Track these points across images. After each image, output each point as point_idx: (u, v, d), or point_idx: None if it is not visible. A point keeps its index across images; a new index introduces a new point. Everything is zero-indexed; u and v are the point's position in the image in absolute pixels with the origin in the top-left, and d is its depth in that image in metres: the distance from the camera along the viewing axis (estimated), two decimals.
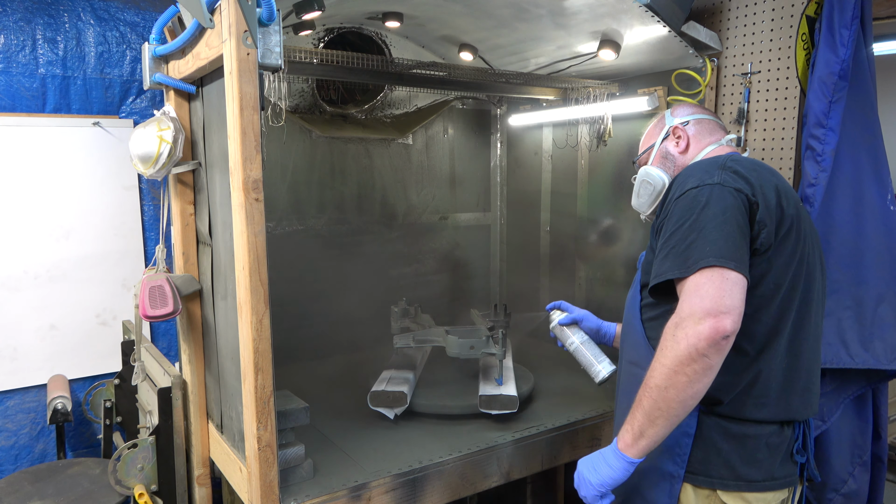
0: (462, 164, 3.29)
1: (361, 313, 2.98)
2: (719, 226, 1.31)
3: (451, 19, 2.47)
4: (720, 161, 1.42)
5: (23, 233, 2.44)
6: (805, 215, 1.46)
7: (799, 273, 1.39)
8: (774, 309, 1.38)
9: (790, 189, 1.44)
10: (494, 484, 1.88)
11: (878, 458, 2.07)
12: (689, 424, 1.41)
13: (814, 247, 1.46)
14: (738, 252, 1.29)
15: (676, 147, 1.65)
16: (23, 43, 2.39)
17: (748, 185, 1.36)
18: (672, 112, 1.73)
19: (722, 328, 1.23)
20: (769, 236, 1.34)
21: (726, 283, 1.27)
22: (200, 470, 2.01)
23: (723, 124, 1.70)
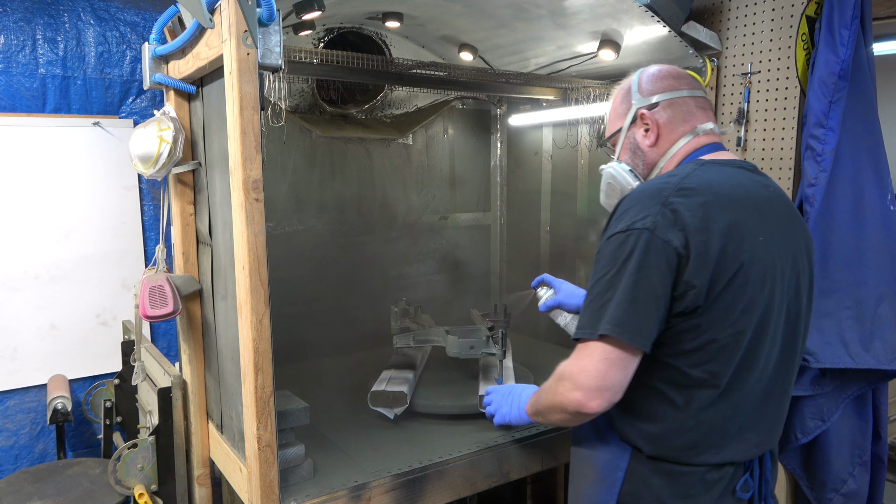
0: (462, 164, 3.29)
1: (361, 313, 2.98)
2: (631, 288, 1.23)
3: (451, 19, 2.47)
4: (670, 187, 1.28)
5: (23, 233, 2.44)
6: (766, 251, 1.29)
7: (744, 322, 1.27)
8: (710, 363, 1.28)
9: (748, 224, 1.27)
10: (494, 484, 1.87)
11: (878, 458, 2.07)
12: (620, 458, 1.39)
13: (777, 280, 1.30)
14: (642, 323, 1.23)
15: (646, 139, 1.48)
16: (23, 43, 2.39)
17: (682, 234, 1.22)
18: (640, 83, 1.51)
19: (588, 408, 1.28)
20: (698, 297, 1.23)
21: (608, 364, 1.26)
22: (200, 470, 2.01)
23: (702, 95, 1.49)
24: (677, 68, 1.52)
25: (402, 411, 2.03)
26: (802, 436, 2.02)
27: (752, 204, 1.30)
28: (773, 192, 1.38)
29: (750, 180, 1.36)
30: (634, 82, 1.52)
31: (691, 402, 1.30)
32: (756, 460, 1.39)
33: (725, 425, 1.32)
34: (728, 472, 1.35)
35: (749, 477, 1.38)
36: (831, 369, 1.94)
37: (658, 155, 1.47)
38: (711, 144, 1.44)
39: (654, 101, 1.47)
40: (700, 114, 1.45)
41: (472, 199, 3.36)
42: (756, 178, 1.38)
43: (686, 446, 1.32)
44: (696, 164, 1.37)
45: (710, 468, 1.33)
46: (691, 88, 1.47)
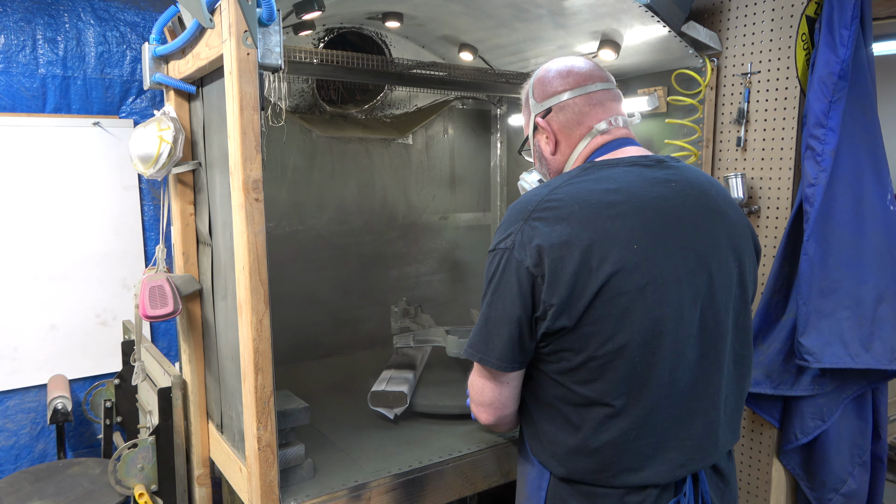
0: (462, 164, 3.29)
1: (361, 313, 2.98)
2: (487, 310, 1.27)
3: (451, 19, 2.47)
4: (535, 202, 1.24)
5: (23, 233, 2.44)
6: (646, 258, 1.19)
7: (623, 337, 1.18)
8: (595, 381, 1.22)
9: (619, 233, 1.18)
10: (494, 484, 1.87)
11: (878, 458, 2.07)
12: (541, 478, 1.36)
13: (669, 285, 1.20)
14: (495, 345, 1.25)
15: (547, 146, 1.42)
16: (23, 43, 2.39)
17: (536, 253, 1.18)
18: (535, 87, 1.42)
19: (481, 419, 1.37)
20: (557, 316, 1.19)
21: (482, 381, 1.34)
22: (200, 470, 2.01)
23: (598, 88, 1.37)
24: (570, 62, 1.41)
25: (402, 411, 2.03)
26: (802, 436, 2.02)
27: (631, 208, 1.21)
28: (675, 189, 1.27)
29: (640, 179, 1.26)
30: (530, 87, 1.45)
31: (588, 422, 1.25)
32: (689, 480, 1.29)
33: (636, 446, 1.24)
34: (651, 495, 1.26)
35: (682, 498, 1.29)
36: (831, 369, 1.94)
37: (561, 162, 1.42)
38: (610, 143, 1.36)
39: (547, 105, 1.39)
40: (596, 111, 1.36)
41: (472, 199, 3.36)
42: (651, 175, 1.28)
43: (595, 469, 1.26)
44: (581, 170, 1.30)
45: (628, 490, 1.26)
46: (582, 85, 1.36)
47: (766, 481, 2.23)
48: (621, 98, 1.44)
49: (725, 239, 1.30)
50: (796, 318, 1.94)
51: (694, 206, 1.27)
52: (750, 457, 2.29)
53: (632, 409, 1.22)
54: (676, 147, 2.31)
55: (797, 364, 1.96)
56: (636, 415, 1.23)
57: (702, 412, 1.28)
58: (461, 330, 2.23)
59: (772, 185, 2.13)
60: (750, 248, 1.37)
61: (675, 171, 1.31)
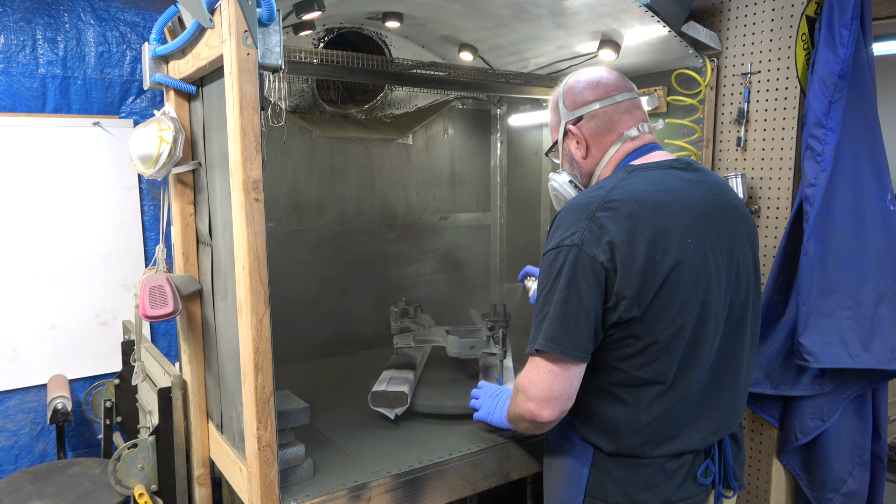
0: (462, 164, 3.29)
1: (361, 313, 2.98)
2: (562, 304, 1.30)
3: (451, 19, 2.47)
4: (596, 201, 1.33)
5: (23, 233, 2.44)
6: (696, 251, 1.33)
7: (681, 322, 1.32)
8: (654, 364, 1.34)
9: (675, 228, 1.31)
10: (494, 484, 1.87)
11: (878, 458, 2.07)
12: (584, 457, 1.46)
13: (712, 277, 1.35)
14: (574, 336, 1.30)
15: (578, 151, 1.53)
16: (23, 43, 2.39)
17: (608, 249, 1.28)
18: (565, 96, 1.53)
19: (541, 417, 1.37)
20: (631, 306, 1.29)
21: (552, 375, 1.35)
22: (200, 470, 2.01)
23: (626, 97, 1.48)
24: (598, 73, 1.52)
25: (402, 411, 2.03)
26: (802, 436, 2.02)
27: (679, 207, 1.34)
28: (707, 189, 1.41)
29: (679, 181, 1.40)
30: (560, 95, 1.55)
31: (641, 401, 1.37)
32: (716, 445, 1.46)
33: (677, 417, 1.38)
34: (688, 460, 1.42)
35: (710, 462, 1.45)
36: (831, 369, 1.94)
37: (592, 165, 1.53)
38: (641, 148, 1.48)
39: (578, 114, 1.50)
40: (625, 119, 1.48)
41: (472, 199, 3.36)
42: (687, 177, 1.42)
43: (642, 441, 1.39)
44: (625, 172, 1.41)
45: (669, 458, 1.40)
46: (611, 95, 1.48)
47: (766, 481, 2.23)
48: (643, 104, 1.55)
49: (745, 232, 1.46)
50: (796, 318, 1.95)
51: (722, 204, 1.43)
52: (750, 457, 2.28)
53: (678, 385, 1.36)
54: (676, 147, 2.31)
55: (797, 364, 1.96)
56: (681, 389, 1.37)
57: (728, 385, 1.45)
58: (461, 330, 2.23)
59: (772, 185, 2.14)
60: (757, 240, 1.55)
61: (703, 174, 1.47)
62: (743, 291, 1.44)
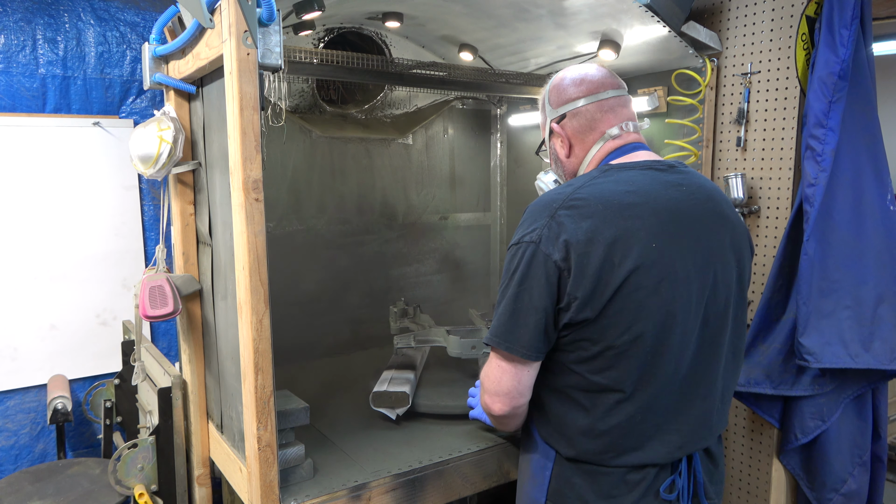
0: (462, 164, 3.29)
1: (361, 313, 2.98)
2: (513, 300, 1.30)
3: (451, 19, 2.47)
4: (560, 199, 1.30)
5: (23, 233, 2.44)
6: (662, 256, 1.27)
7: (639, 328, 1.27)
8: (610, 370, 1.30)
9: (638, 231, 1.26)
10: (494, 484, 1.87)
11: (878, 458, 2.07)
12: (546, 458, 1.44)
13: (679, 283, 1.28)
14: (521, 334, 1.29)
15: (562, 149, 1.50)
16: (23, 43, 2.39)
17: (564, 248, 1.25)
18: (550, 93, 1.50)
19: (493, 410, 1.39)
20: (581, 308, 1.25)
21: (501, 371, 1.36)
22: (200, 470, 2.01)
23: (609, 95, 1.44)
24: (584, 70, 1.48)
25: (404, 412, 2.03)
26: (802, 436, 2.02)
27: (648, 209, 1.29)
28: (686, 192, 1.35)
29: (654, 182, 1.34)
30: (546, 92, 1.52)
31: (598, 407, 1.33)
32: (684, 461, 1.39)
33: (641, 428, 1.33)
34: (650, 474, 1.36)
35: (677, 477, 1.39)
36: (831, 369, 1.94)
37: (576, 164, 1.50)
38: (623, 147, 1.43)
39: (561, 112, 1.47)
40: (608, 117, 1.44)
41: (472, 199, 3.36)
42: (665, 178, 1.36)
43: (601, 449, 1.35)
44: (599, 171, 1.37)
45: (630, 469, 1.35)
46: (595, 93, 1.44)
47: (766, 481, 2.23)
48: (631, 103, 1.50)
49: (728, 240, 1.39)
50: (796, 318, 1.95)
51: (702, 208, 1.36)
52: (750, 457, 2.29)
53: (639, 394, 1.31)
54: (676, 147, 2.31)
55: (797, 364, 1.96)
56: (643, 400, 1.32)
57: (700, 399, 1.38)
58: (462, 330, 2.23)
59: (772, 185, 2.14)
60: (747, 248, 1.46)
61: (686, 176, 1.40)
62: (721, 302, 1.37)
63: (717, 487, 1.49)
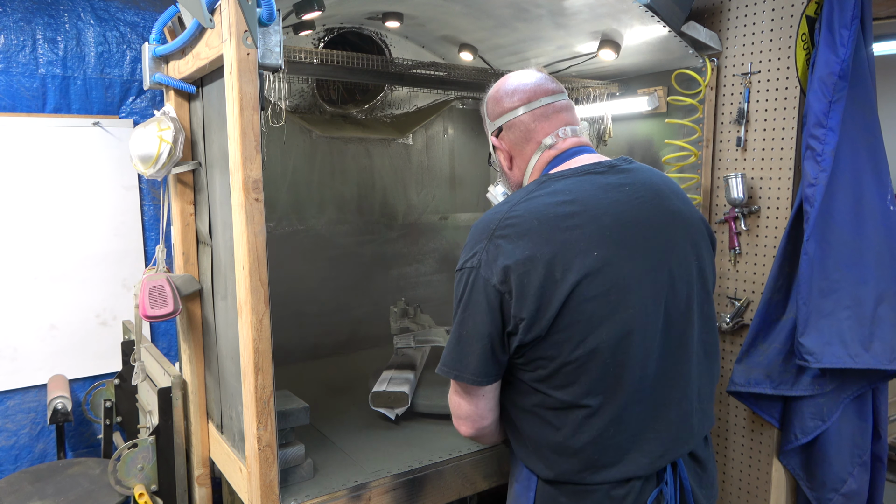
0: (462, 164, 3.29)
1: (361, 313, 2.98)
2: (458, 327, 1.29)
3: (451, 19, 2.47)
4: (496, 220, 1.27)
5: (23, 233, 2.44)
6: (608, 263, 1.23)
7: (594, 341, 1.23)
8: (571, 386, 1.26)
9: (579, 242, 1.22)
10: (494, 484, 1.87)
11: (878, 458, 2.07)
12: (529, 480, 1.40)
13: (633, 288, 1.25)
14: (468, 362, 1.28)
15: (505, 162, 1.47)
16: (23, 43, 2.39)
17: (503, 272, 1.22)
18: (487, 105, 1.47)
19: (461, 431, 1.42)
20: (528, 329, 1.23)
21: (458, 396, 1.38)
22: (200, 470, 2.01)
23: (543, 103, 1.39)
24: (516, 80, 1.44)
25: (403, 411, 2.03)
26: (802, 436, 2.02)
27: (587, 218, 1.25)
28: (630, 192, 1.31)
29: (594, 187, 1.30)
30: (483, 106, 1.49)
31: (567, 425, 1.29)
32: (669, 469, 1.35)
33: (615, 441, 1.28)
34: (635, 487, 1.31)
35: (664, 486, 1.34)
36: (831, 369, 1.94)
37: (519, 176, 1.46)
38: (562, 154, 1.39)
39: (498, 125, 1.44)
40: (542, 126, 1.39)
41: (472, 199, 3.36)
42: (605, 181, 1.31)
43: (578, 468, 1.30)
44: (536, 184, 1.33)
45: (613, 485, 1.30)
46: (527, 102, 1.40)
47: (766, 481, 2.23)
48: (571, 106, 1.45)
49: (683, 235, 1.34)
50: (796, 318, 1.95)
51: (649, 207, 1.32)
52: (750, 457, 2.28)
53: (607, 407, 1.27)
54: (676, 147, 2.31)
55: (797, 364, 1.96)
56: (612, 412, 1.27)
57: (675, 402, 1.33)
58: None
59: (772, 185, 2.14)
60: (706, 240, 1.42)
61: (628, 175, 1.35)
62: (682, 300, 1.32)
63: (707, 491, 1.44)
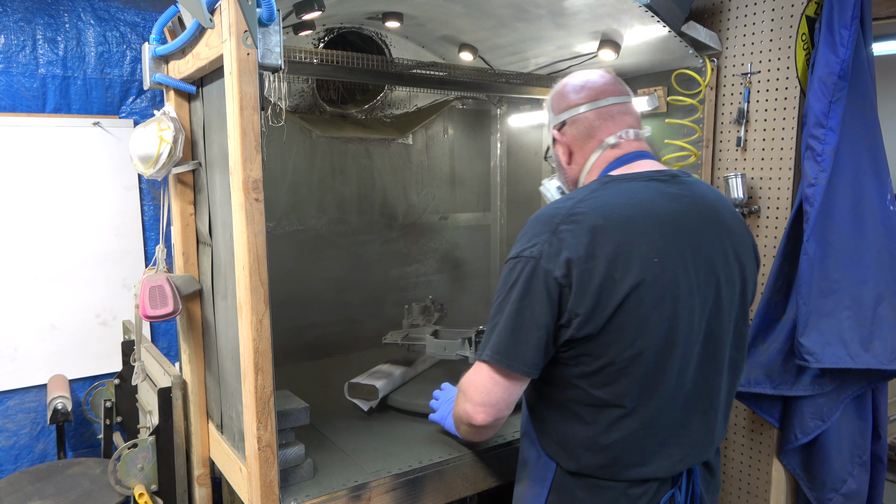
0: (462, 164, 3.29)
1: (361, 313, 2.98)
2: (514, 316, 1.27)
3: (451, 19, 2.47)
4: (561, 213, 1.28)
5: (23, 233, 2.44)
6: (664, 271, 1.25)
7: (641, 345, 1.25)
8: (612, 385, 1.28)
9: (640, 246, 1.24)
10: (494, 484, 1.87)
11: (878, 458, 2.07)
12: (547, 470, 1.41)
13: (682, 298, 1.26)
14: (523, 351, 1.27)
15: (563, 157, 1.48)
16: (23, 43, 2.39)
17: (565, 265, 1.22)
18: (552, 99, 1.49)
19: (475, 420, 1.36)
20: (582, 325, 1.24)
21: (493, 382, 1.33)
22: (200, 470, 2.01)
23: (609, 103, 1.41)
24: (586, 76, 1.46)
25: (375, 405, 2.07)
26: (802, 436, 2.02)
27: (650, 223, 1.27)
28: (689, 204, 1.33)
29: (657, 194, 1.32)
30: (549, 99, 1.51)
31: (600, 422, 1.31)
32: (684, 474, 1.38)
33: (643, 443, 1.32)
34: (652, 488, 1.34)
35: (677, 491, 1.37)
36: (831, 369, 1.94)
37: (576, 172, 1.47)
38: (624, 157, 1.40)
39: (561, 119, 1.46)
40: (607, 125, 1.41)
41: (472, 199, 3.36)
42: (667, 190, 1.33)
43: (603, 464, 1.33)
44: (600, 183, 1.34)
45: (632, 484, 1.34)
46: (594, 99, 1.42)
47: (766, 481, 2.23)
48: (636, 112, 1.47)
49: (732, 252, 1.37)
50: (796, 318, 1.95)
51: (706, 221, 1.34)
52: (750, 457, 2.29)
53: (641, 410, 1.30)
54: (676, 147, 2.31)
55: (797, 364, 1.96)
56: (645, 415, 1.30)
57: (701, 412, 1.37)
58: (452, 331, 2.26)
59: (772, 185, 2.14)
60: (752, 259, 1.44)
61: (688, 187, 1.38)
62: (724, 316, 1.35)
63: (712, 497, 1.49)
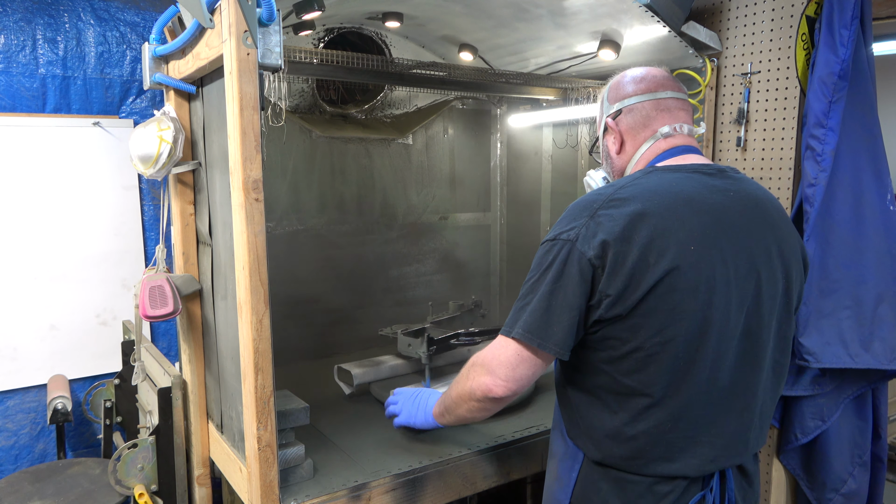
0: (462, 164, 3.29)
1: (361, 313, 2.98)
2: (547, 297, 1.28)
3: (451, 19, 2.47)
4: (602, 198, 1.29)
5: (23, 233, 2.44)
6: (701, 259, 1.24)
7: (671, 332, 1.24)
8: (639, 372, 1.27)
9: (678, 233, 1.24)
10: (494, 484, 1.87)
11: (878, 458, 2.07)
12: (574, 460, 1.42)
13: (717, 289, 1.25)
14: (555, 331, 1.27)
15: (613, 146, 1.49)
16: (23, 43, 2.39)
17: (600, 247, 1.23)
18: (609, 90, 1.52)
19: (494, 392, 1.36)
20: (611, 305, 1.24)
21: (519, 359, 1.33)
22: (200, 470, 2.01)
23: (669, 95, 1.44)
24: (646, 69, 1.49)
25: (354, 390, 2.19)
26: (802, 436, 2.02)
27: (690, 211, 1.26)
28: (733, 198, 1.32)
29: (700, 186, 1.31)
30: (605, 90, 1.53)
31: (626, 411, 1.30)
32: (716, 476, 1.35)
33: (670, 437, 1.29)
34: (680, 486, 1.32)
35: (708, 493, 1.34)
36: (831, 369, 1.94)
37: (625, 161, 1.49)
38: (673, 149, 1.41)
39: (617, 107, 1.47)
40: (663, 116, 1.43)
41: (472, 199, 3.36)
42: (712, 183, 1.33)
43: (628, 455, 1.32)
44: (643, 173, 1.35)
45: (658, 479, 1.32)
46: (653, 91, 1.44)
47: (766, 481, 2.23)
48: (691, 110, 1.49)
49: (776, 250, 1.35)
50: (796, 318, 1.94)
51: (749, 215, 1.33)
52: None
53: (669, 401, 1.28)
54: None
55: (797, 364, 1.96)
56: (673, 407, 1.28)
57: (736, 413, 1.34)
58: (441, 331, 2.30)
59: (772, 185, 2.14)
60: (799, 261, 1.41)
61: (735, 182, 1.37)
62: (765, 314, 1.32)
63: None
